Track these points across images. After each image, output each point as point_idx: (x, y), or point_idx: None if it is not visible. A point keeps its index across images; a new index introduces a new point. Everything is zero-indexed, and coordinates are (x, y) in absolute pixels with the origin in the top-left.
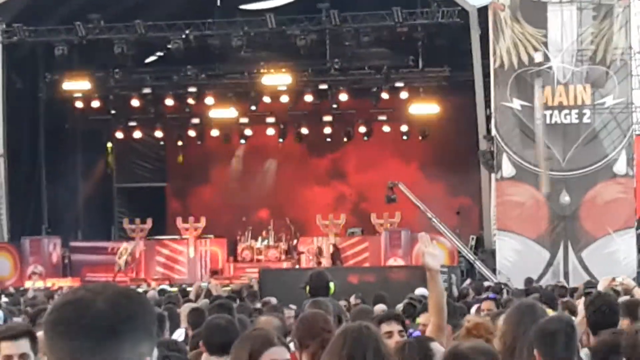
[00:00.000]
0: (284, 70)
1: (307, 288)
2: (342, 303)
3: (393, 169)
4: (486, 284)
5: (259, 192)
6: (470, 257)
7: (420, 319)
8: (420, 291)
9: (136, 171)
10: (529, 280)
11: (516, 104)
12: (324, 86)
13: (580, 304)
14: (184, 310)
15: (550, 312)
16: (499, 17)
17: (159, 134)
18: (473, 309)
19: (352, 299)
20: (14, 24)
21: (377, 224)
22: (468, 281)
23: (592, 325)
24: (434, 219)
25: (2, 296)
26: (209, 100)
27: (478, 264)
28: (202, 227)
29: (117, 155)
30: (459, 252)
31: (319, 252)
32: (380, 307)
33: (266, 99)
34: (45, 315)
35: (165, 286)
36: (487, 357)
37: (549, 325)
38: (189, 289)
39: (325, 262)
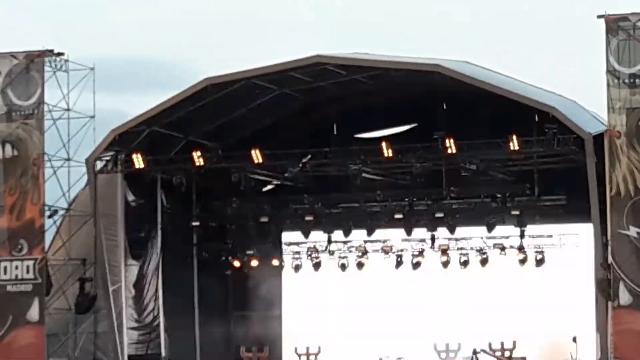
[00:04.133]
0: (400, 198)
1: None
2: None
3: (508, 296)
4: None
5: (374, 320)
6: None
7: None
8: None
9: (253, 299)
10: None
11: (633, 231)
12: (439, 214)
13: None
14: None
15: None
16: (614, 144)
17: (275, 262)
18: None
19: None
20: (133, 154)
21: (494, 352)
22: None
23: None
24: None
25: None
26: (326, 228)
27: None
28: (318, 355)
29: (235, 283)
30: None
31: None
32: None
33: (383, 227)
34: None
35: None
36: None
37: None
38: None
39: None
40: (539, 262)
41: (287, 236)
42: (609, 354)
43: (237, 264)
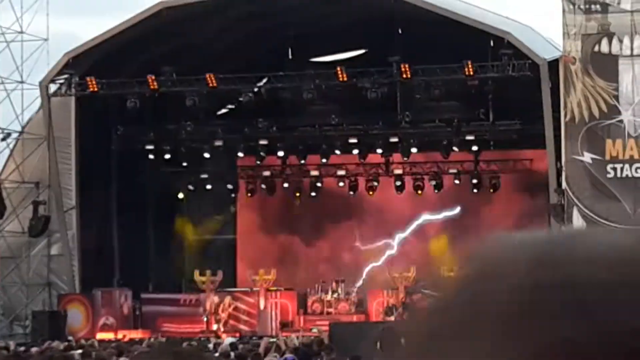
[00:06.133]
0: (355, 123)
1: (379, 343)
2: None
3: (463, 221)
4: None
5: (329, 244)
6: None
7: None
8: None
9: (207, 223)
10: None
11: (587, 157)
12: (394, 139)
13: None
14: None
15: None
16: (569, 70)
17: (230, 186)
18: None
19: None
20: (87, 77)
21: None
22: None
23: None
24: None
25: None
26: (280, 152)
27: None
28: (272, 279)
29: (188, 207)
30: None
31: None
32: None
33: (337, 152)
34: None
35: (234, 339)
36: None
37: None
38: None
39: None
40: (494, 187)
41: (241, 160)
42: None
43: (191, 187)
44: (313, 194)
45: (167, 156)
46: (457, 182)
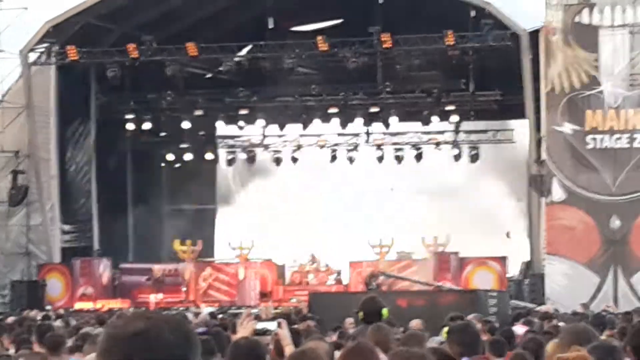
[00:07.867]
0: (335, 93)
1: (361, 313)
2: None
3: (442, 192)
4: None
5: (308, 214)
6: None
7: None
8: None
9: (187, 193)
10: (584, 307)
11: (567, 128)
12: (374, 109)
13: None
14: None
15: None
16: (550, 41)
17: (209, 155)
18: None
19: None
20: (67, 46)
21: (427, 248)
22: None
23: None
24: (443, 286)
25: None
26: (260, 122)
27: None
28: (251, 249)
29: (168, 177)
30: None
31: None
32: None
33: (317, 121)
34: (109, 345)
35: (213, 308)
36: None
37: None
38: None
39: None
40: (474, 158)
41: (221, 130)
42: (540, 250)
43: (170, 157)
44: (293, 163)
45: (147, 125)
46: (437, 152)
